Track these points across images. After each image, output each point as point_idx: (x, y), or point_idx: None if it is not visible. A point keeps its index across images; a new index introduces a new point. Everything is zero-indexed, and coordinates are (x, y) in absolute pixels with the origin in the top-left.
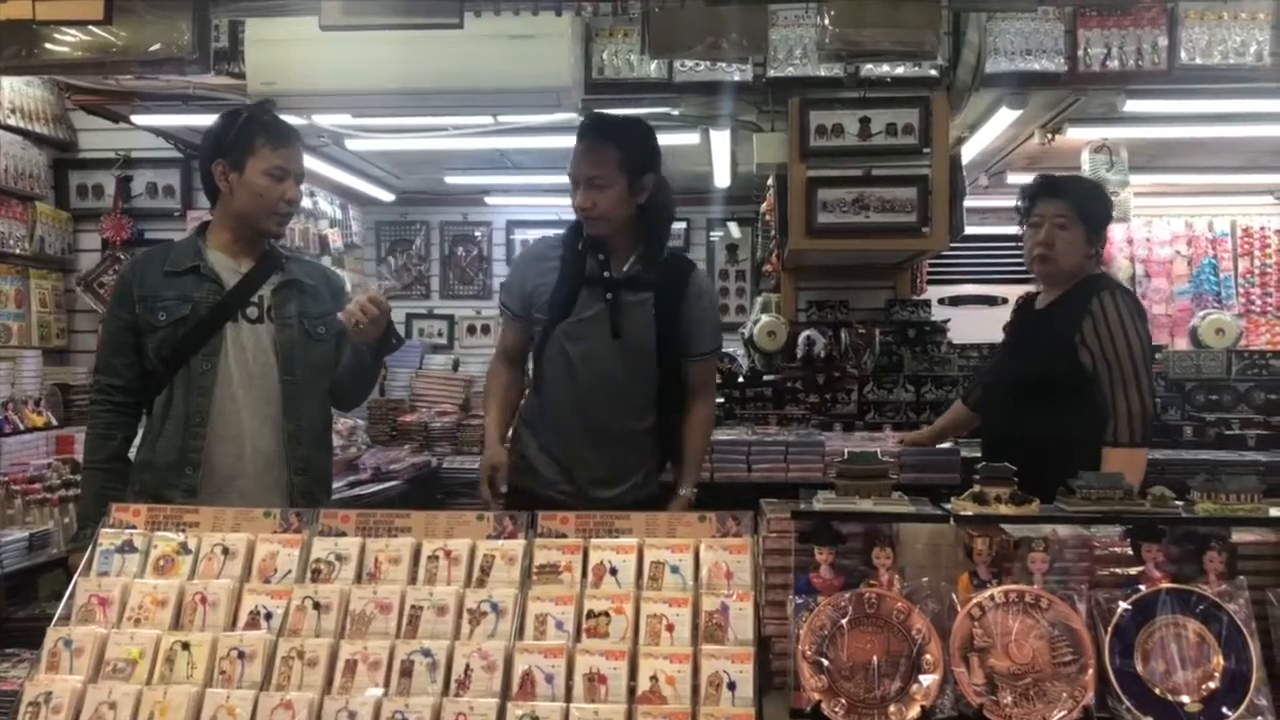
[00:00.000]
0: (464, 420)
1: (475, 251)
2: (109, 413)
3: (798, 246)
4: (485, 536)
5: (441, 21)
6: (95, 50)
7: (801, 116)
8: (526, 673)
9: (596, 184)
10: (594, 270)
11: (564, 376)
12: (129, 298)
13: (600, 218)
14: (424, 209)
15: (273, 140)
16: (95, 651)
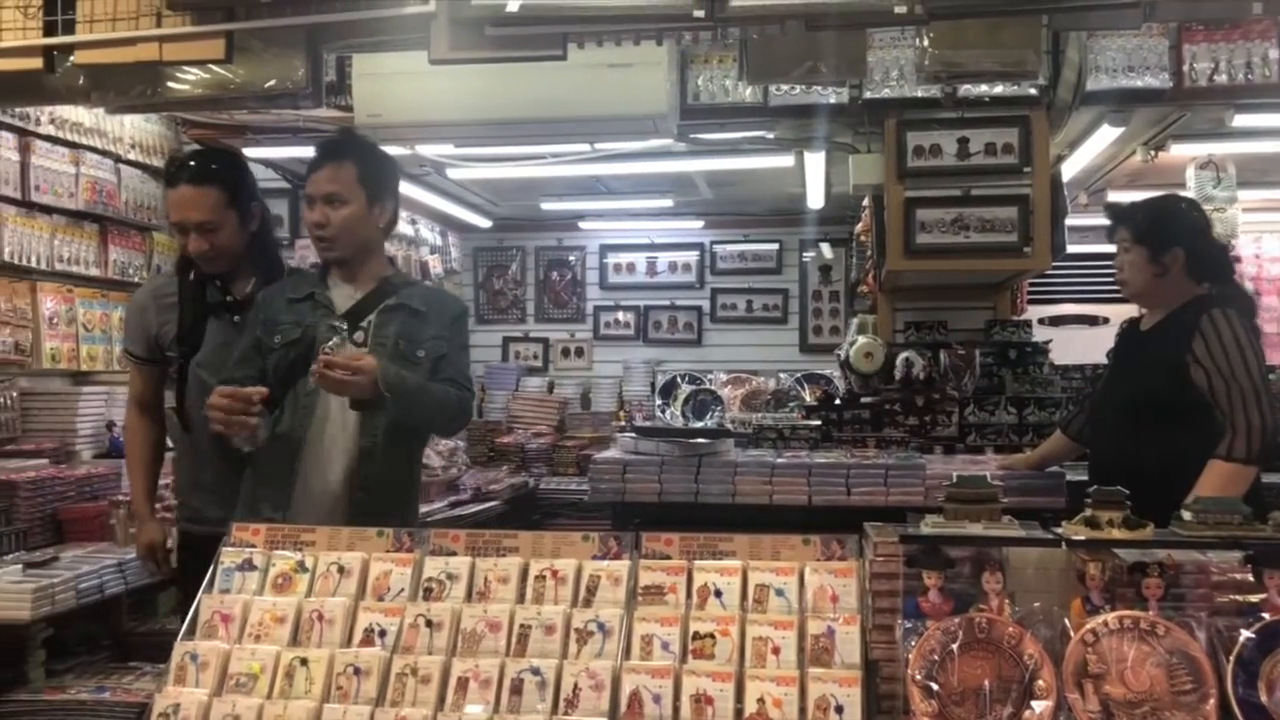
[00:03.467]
0: (559, 442)
1: (569, 276)
2: None
3: (896, 267)
4: (590, 557)
5: (546, 54)
6: (215, 87)
7: (899, 137)
8: (634, 693)
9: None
10: (215, 297)
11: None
12: (256, 321)
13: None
14: (520, 234)
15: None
16: (219, 666)
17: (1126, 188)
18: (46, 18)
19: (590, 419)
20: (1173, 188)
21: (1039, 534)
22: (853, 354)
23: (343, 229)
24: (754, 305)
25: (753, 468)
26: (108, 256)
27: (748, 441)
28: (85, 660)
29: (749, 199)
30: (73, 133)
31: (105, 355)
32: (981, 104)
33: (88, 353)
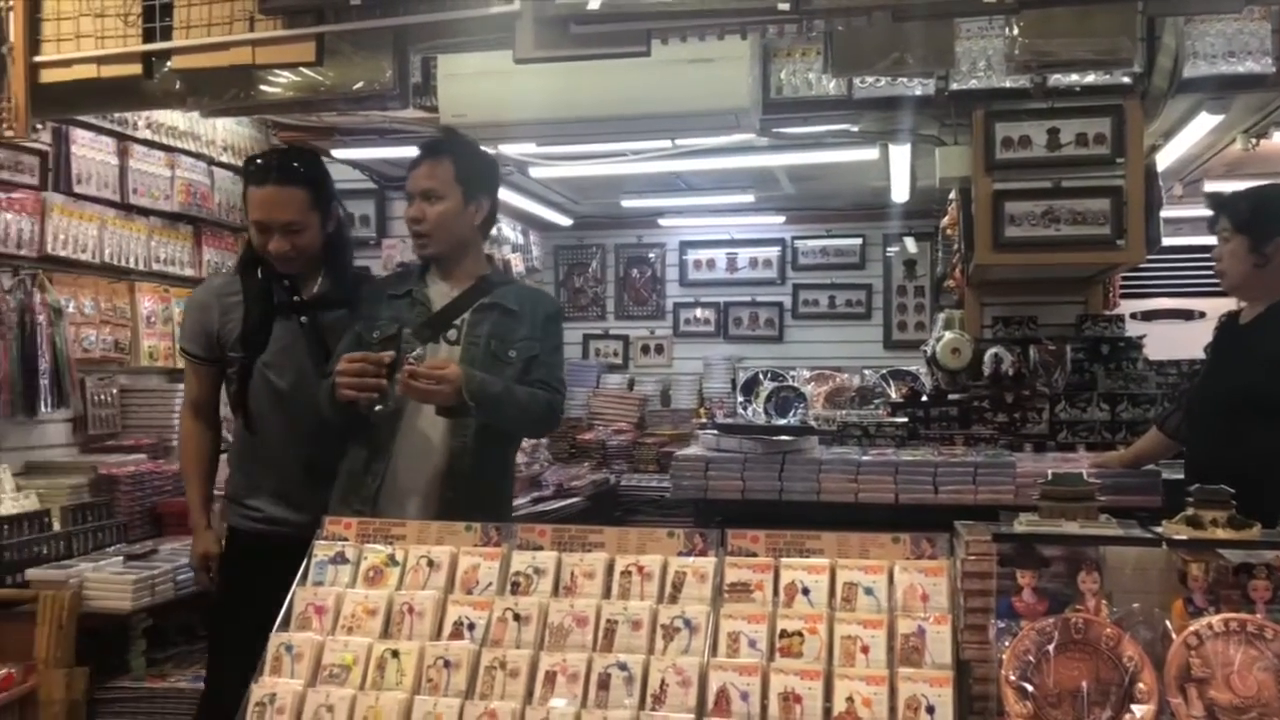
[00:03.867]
0: (639, 438)
1: (649, 273)
2: None
3: (984, 261)
4: (676, 553)
5: (630, 50)
6: (305, 90)
7: (986, 129)
8: (721, 689)
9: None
10: (282, 297)
11: (274, 411)
12: (357, 316)
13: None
14: (600, 232)
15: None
16: (313, 657)
17: (1225, 177)
18: (145, 25)
19: (670, 416)
20: (1274, 177)
21: (1138, 533)
22: (939, 350)
23: (437, 225)
24: (836, 301)
25: (838, 465)
26: (201, 257)
27: (832, 439)
28: (184, 650)
29: (831, 193)
30: (168, 137)
31: None
32: (1072, 93)
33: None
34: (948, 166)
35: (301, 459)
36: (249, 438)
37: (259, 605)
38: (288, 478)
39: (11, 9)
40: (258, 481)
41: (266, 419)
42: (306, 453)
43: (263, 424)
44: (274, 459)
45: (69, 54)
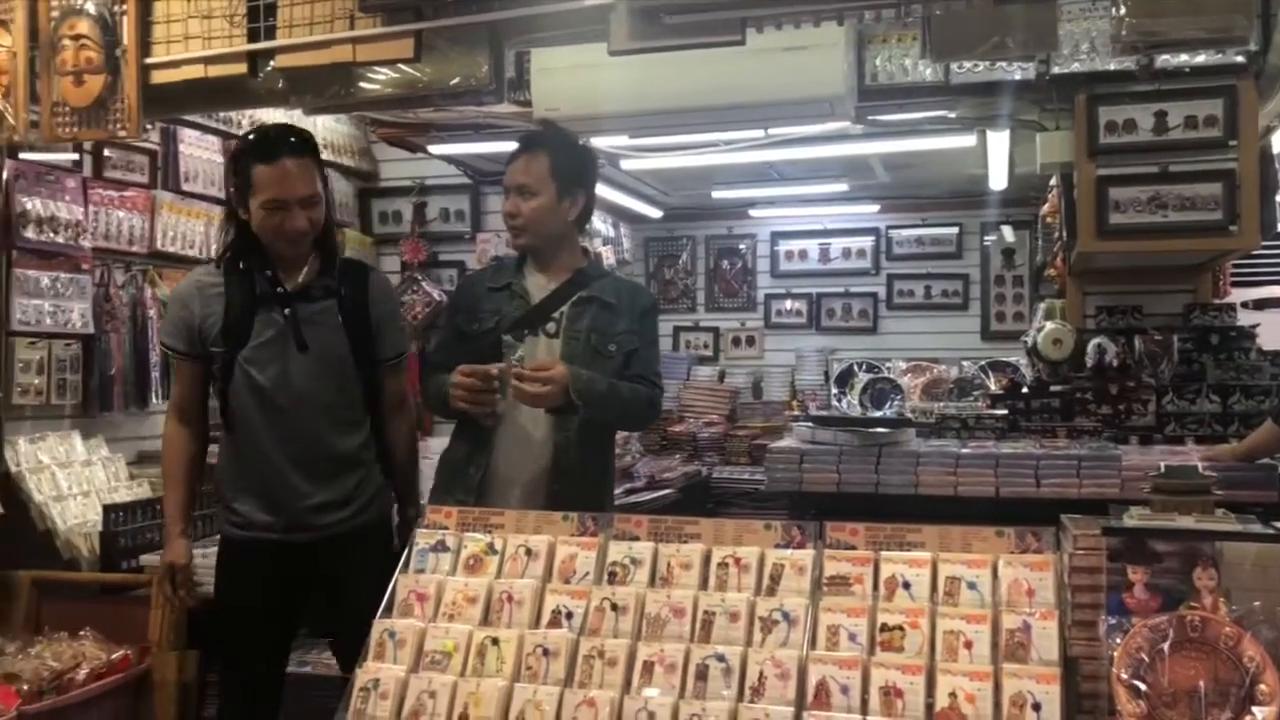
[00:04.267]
0: (730, 431)
1: (740, 264)
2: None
3: (1087, 249)
4: (774, 545)
5: (724, 39)
6: (403, 87)
7: (1089, 113)
8: (821, 683)
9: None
10: (265, 288)
11: (257, 406)
12: (458, 308)
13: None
14: (690, 224)
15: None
16: (415, 643)
17: None
18: (250, 25)
19: (762, 408)
20: None
21: (1258, 529)
22: (1040, 340)
23: (532, 219)
24: (932, 291)
25: (936, 458)
26: None
27: (930, 431)
28: None
29: (927, 181)
30: None
31: None
32: (1181, 75)
33: None
34: (1048, 152)
35: (284, 458)
36: (231, 437)
37: (251, 612)
38: (269, 478)
39: (124, 13)
40: (240, 483)
41: (247, 417)
42: (289, 451)
43: (244, 422)
44: (255, 459)
45: (178, 55)
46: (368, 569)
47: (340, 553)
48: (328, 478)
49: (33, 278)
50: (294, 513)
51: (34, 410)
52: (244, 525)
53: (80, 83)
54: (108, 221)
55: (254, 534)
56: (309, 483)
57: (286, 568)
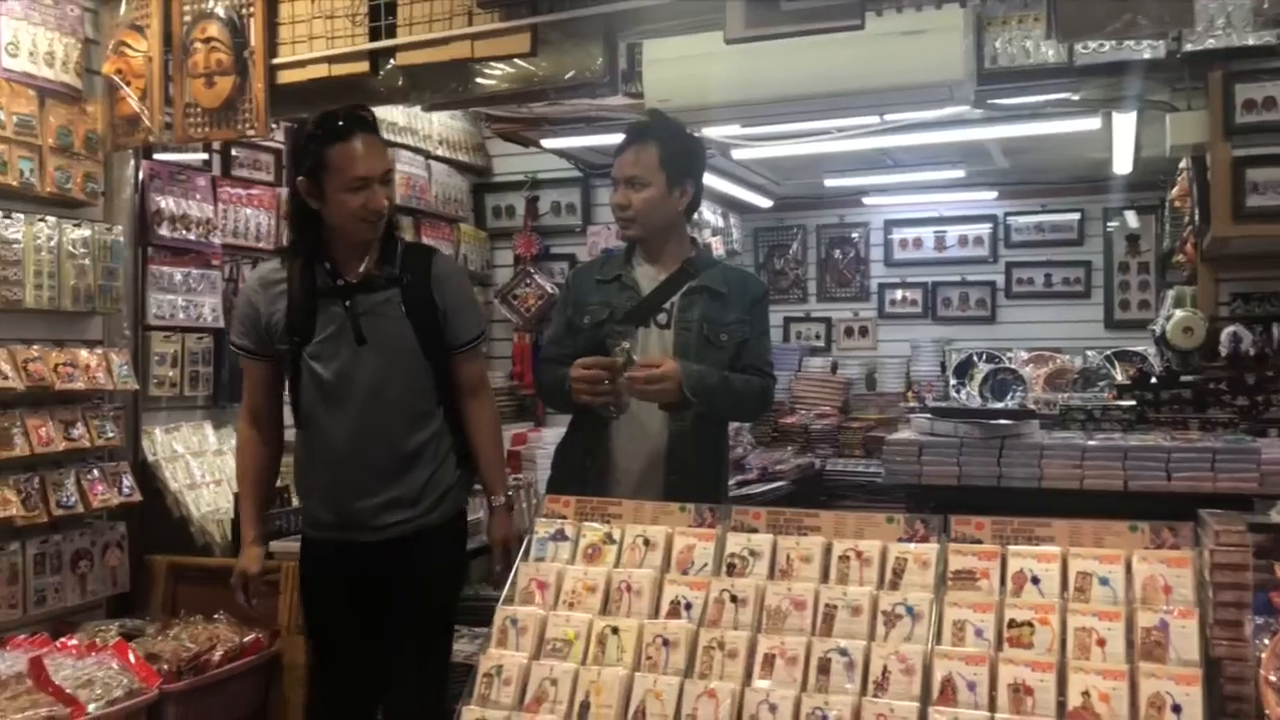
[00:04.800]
0: (844, 423)
1: (852, 253)
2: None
3: (1222, 234)
4: (896, 539)
5: (843, 24)
6: (519, 81)
7: (1225, 91)
8: (947, 678)
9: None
10: (325, 280)
11: (322, 403)
12: (568, 301)
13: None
14: (801, 213)
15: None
16: (536, 631)
17: None
18: (371, 24)
19: (876, 400)
20: None
21: None
22: (1170, 329)
23: (642, 210)
24: (1053, 279)
25: (1061, 450)
26: None
27: (1054, 423)
28: None
29: (1047, 166)
30: (389, 132)
31: None
32: None
33: None
34: (1179, 134)
35: (349, 455)
36: (301, 435)
37: (328, 610)
38: (335, 476)
39: (252, 15)
40: (309, 481)
41: (314, 414)
42: (354, 448)
43: (311, 420)
44: (322, 457)
45: (303, 55)
46: (437, 568)
47: (409, 553)
48: (395, 475)
49: (167, 274)
50: (359, 512)
51: (169, 401)
52: (314, 524)
53: (211, 84)
54: (236, 219)
55: (322, 533)
56: (375, 480)
57: (357, 567)
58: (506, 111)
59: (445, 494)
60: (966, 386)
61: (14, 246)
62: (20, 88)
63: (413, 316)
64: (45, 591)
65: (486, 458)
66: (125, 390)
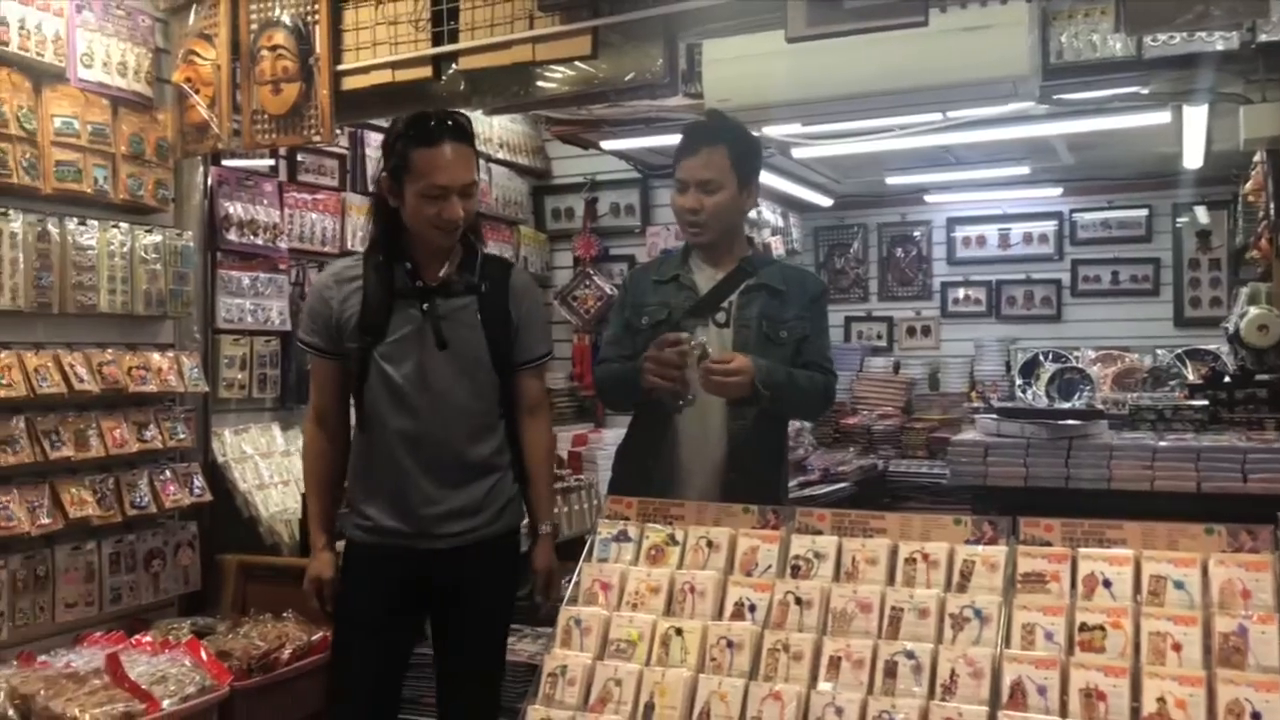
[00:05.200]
0: (907, 423)
1: (914, 252)
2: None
3: None
4: (964, 541)
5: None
6: (579, 84)
7: None
8: (1016, 682)
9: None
10: (404, 282)
11: (391, 405)
12: (625, 303)
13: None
14: (862, 211)
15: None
16: (600, 631)
17: None
18: (434, 30)
19: (939, 400)
20: None
21: None
22: (1244, 327)
23: (715, 214)
24: (1120, 276)
25: (1131, 451)
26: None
27: (1123, 423)
28: None
29: (1114, 162)
30: None
31: None
32: None
33: None
34: (1254, 126)
35: (415, 461)
36: (364, 437)
37: (372, 619)
38: (400, 482)
39: (317, 22)
40: (369, 485)
41: (381, 416)
42: (422, 454)
43: (377, 422)
44: (386, 461)
45: (366, 61)
46: (493, 580)
47: (467, 562)
48: (459, 484)
49: (235, 278)
50: (423, 519)
51: (238, 403)
52: (371, 530)
53: (277, 91)
54: (302, 223)
55: (381, 539)
56: (440, 488)
57: (411, 574)
58: (566, 114)
59: (506, 505)
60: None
61: (89, 253)
62: (95, 97)
63: (487, 326)
64: (120, 589)
65: (538, 480)
66: (196, 392)
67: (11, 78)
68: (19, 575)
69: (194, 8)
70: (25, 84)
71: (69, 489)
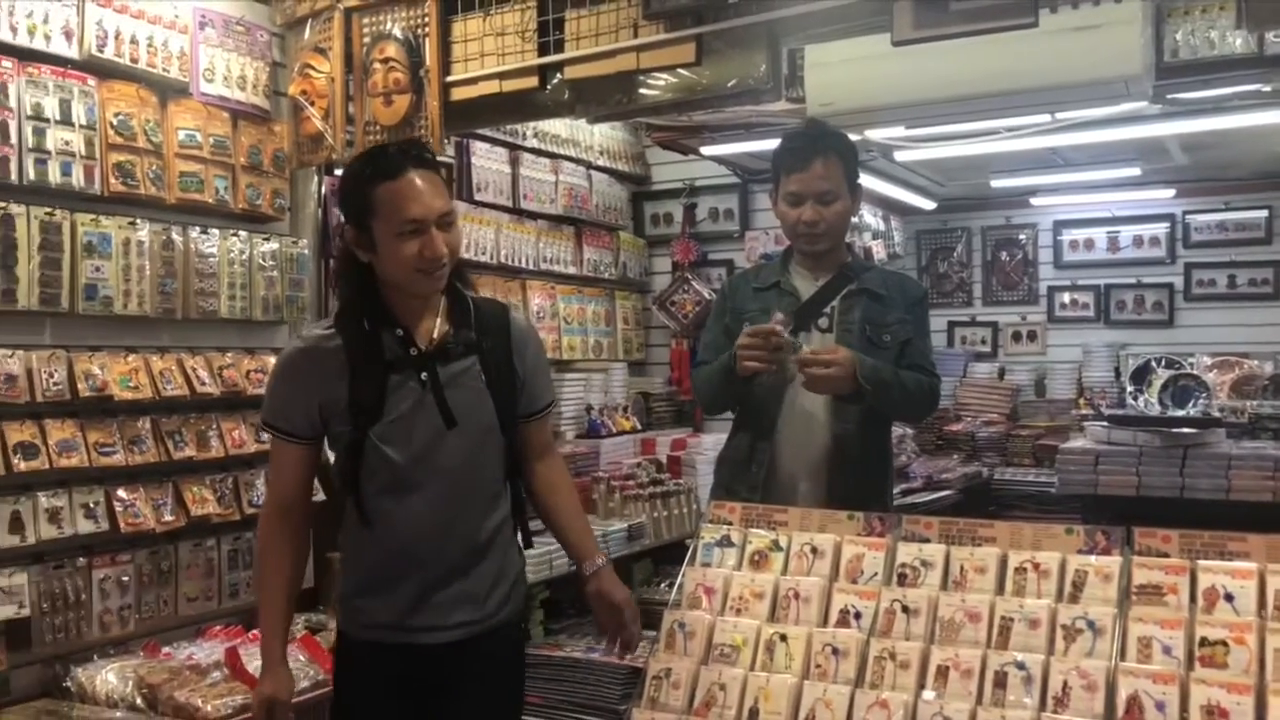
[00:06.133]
0: (1012, 430)
1: (1020, 255)
2: None
3: None
4: (1076, 551)
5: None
6: (682, 91)
7: None
8: (1133, 697)
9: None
10: (396, 350)
11: (393, 492)
12: (724, 310)
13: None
14: (965, 214)
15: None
16: (704, 636)
17: None
18: (540, 40)
19: (1046, 407)
20: None
21: None
22: None
23: (834, 224)
24: (1237, 280)
25: (1251, 461)
26: (582, 256)
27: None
28: (575, 622)
29: (1230, 162)
30: (552, 144)
31: (582, 345)
32: None
33: (568, 343)
34: None
35: (419, 548)
36: (356, 526)
37: (374, 716)
38: (400, 571)
39: (427, 35)
40: (364, 577)
41: (378, 503)
42: (425, 540)
43: (374, 509)
44: (386, 551)
45: (475, 72)
46: (500, 674)
47: (473, 654)
48: (466, 568)
49: None
50: (424, 611)
51: None
52: (365, 624)
53: (389, 103)
54: None
55: (374, 635)
56: (446, 575)
57: (413, 670)
58: (666, 120)
59: (513, 587)
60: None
61: (210, 260)
62: (216, 110)
63: (493, 388)
64: (238, 585)
65: (572, 517)
66: None
67: (140, 93)
68: (144, 570)
69: (309, 22)
70: (152, 98)
71: (191, 488)
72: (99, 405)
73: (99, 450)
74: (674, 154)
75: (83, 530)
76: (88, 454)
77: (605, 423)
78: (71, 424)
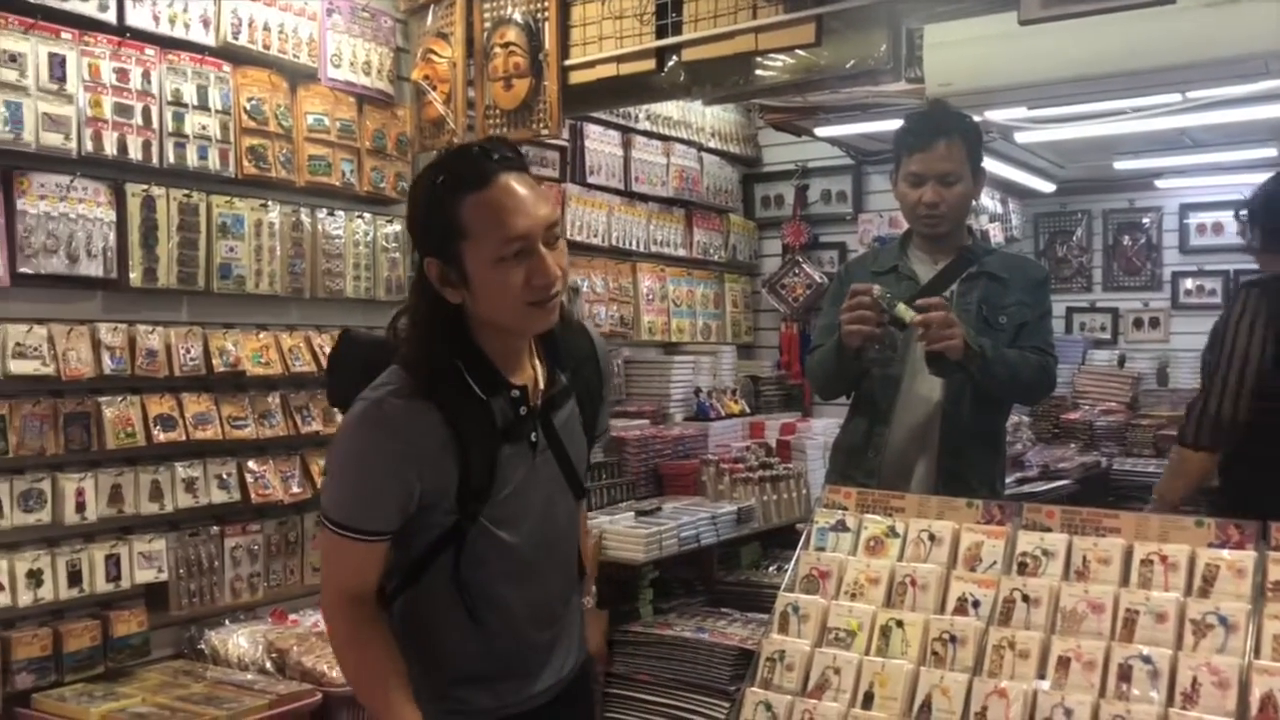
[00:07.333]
0: (1132, 420)
1: (1143, 240)
2: None
3: None
4: (1206, 544)
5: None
6: (800, 71)
7: None
8: (1267, 696)
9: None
10: (508, 413)
11: (508, 577)
12: (840, 295)
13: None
14: (1086, 197)
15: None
16: (818, 619)
17: None
18: (658, 23)
19: (1168, 396)
20: None
21: None
22: None
23: (956, 206)
24: None
25: None
26: (692, 238)
27: None
28: (684, 602)
29: None
30: (664, 127)
31: (691, 328)
32: None
33: (677, 325)
34: None
35: (528, 626)
36: (470, 625)
37: None
38: (508, 655)
39: (546, 19)
40: (465, 667)
41: (493, 590)
42: (534, 617)
43: (479, 596)
44: (491, 636)
45: (593, 56)
46: (586, 698)
47: (564, 701)
48: (561, 626)
49: None
50: (529, 680)
51: None
52: (465, 713)
53: (509, 87)
54: None
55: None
56: (547, 643)
57: None
58: (781, 101)
59: (582, 618)
60: None
61: (336, 241)
62: (343, 95)
63: (589, 429)
64: None
65: (585, 550)
66: None
67: (272, 78)
68: (273, 539)
69: (432, 8)
70: (283, 84)
71: (316, 461)
72: (232, 380)
73: (231, 423)
74: (786, 135)
75: (216, 500)
76: (221, 427)
77: (714, 405)
78: (206, 398)
